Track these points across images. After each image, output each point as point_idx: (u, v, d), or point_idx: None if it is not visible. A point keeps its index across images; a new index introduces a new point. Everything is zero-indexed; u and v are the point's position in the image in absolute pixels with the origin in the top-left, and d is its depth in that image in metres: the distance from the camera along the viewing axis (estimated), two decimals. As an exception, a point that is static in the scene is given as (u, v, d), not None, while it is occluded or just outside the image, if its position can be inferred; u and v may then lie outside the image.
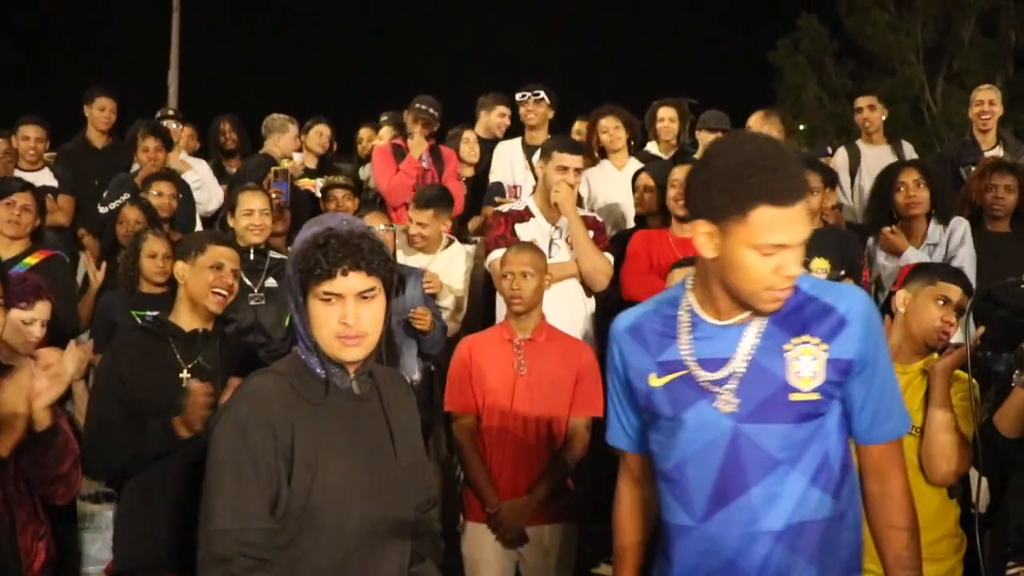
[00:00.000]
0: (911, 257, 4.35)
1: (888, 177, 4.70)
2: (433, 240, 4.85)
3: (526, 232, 4.41)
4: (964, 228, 4.53)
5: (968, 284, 3.10)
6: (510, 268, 3.70)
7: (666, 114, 6.18)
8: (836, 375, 1.95)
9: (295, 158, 6.26)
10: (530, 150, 5.66)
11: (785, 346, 1.96)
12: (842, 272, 4.25)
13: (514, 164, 5.74)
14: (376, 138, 6.72)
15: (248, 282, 4.28)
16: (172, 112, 7.83)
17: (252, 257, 4.39)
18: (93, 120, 6.37)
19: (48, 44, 26.68)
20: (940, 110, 22.89)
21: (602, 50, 30.89)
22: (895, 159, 5.75)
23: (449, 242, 4.96)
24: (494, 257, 4.32)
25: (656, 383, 2.03)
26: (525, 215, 4.49)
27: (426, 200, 4.84)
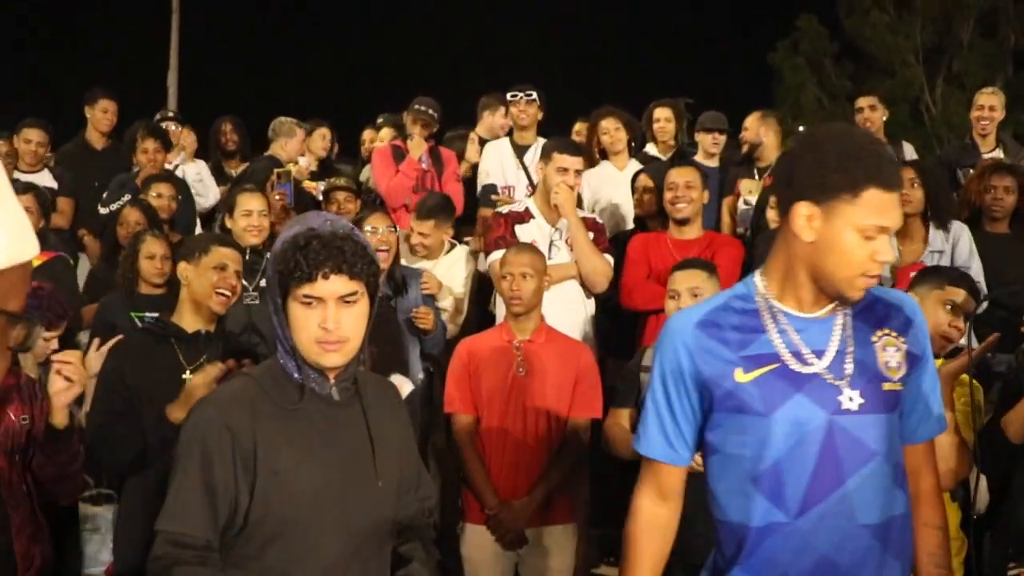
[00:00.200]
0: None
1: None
2: (435, 248, 4.86)
3: (526, 233, 4.41)
4: (968, 237, 4.52)
5: (976, 289, 3.11)
6: (509, 269, 3.70)
7: (662, 114, 6.19)
8: (911, 368, 2.00)
9: (300, 162, 6.22)
10: (520, 150, 5.65)
11: (872, 337, 1.99)
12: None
13: (504, 164, 5.69)
14: (376, 139, 6.72)
15: (244, 282, 4.28)
16: (172, 114, 7.82)
17: (248, 257, 4.38)
18: (94, 121, 6.36)
19: (48, 44, 26.70)
20: (939, 111, 22.94)
21: (602, 50, 30.86)
22: (894, 160, 5.75)
23: (451, 247, 4.97)
24: (494, 258, 4.32)
25: (743, 378, 1.97)
26: (525, 216, 4.49)
27: (427, 210, 4.84)
